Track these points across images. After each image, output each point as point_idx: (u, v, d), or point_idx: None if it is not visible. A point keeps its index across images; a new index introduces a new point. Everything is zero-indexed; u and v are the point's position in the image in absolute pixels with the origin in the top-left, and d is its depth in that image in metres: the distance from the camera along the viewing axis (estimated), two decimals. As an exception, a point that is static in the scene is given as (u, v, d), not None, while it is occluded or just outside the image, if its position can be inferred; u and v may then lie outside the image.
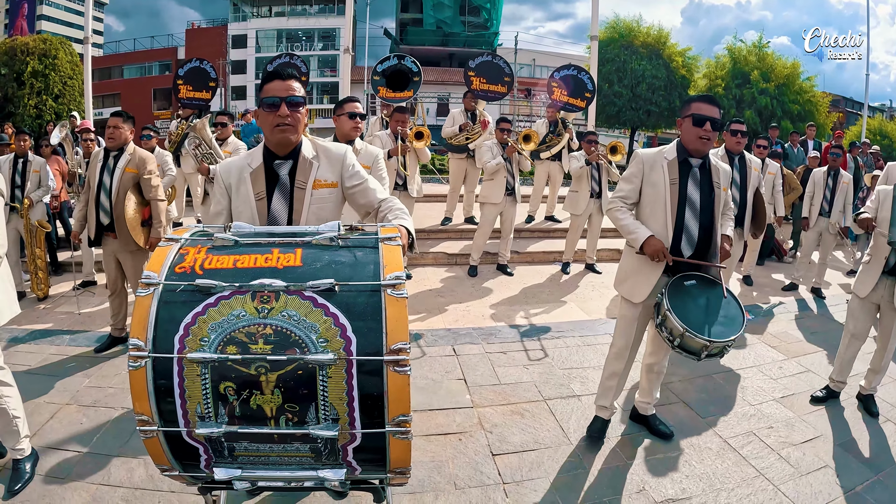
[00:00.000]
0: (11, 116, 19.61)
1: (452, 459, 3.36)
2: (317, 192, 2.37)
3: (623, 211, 3.31)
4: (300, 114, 2.29)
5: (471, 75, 8.80)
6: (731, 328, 2.97)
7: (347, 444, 1.59)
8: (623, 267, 3.48)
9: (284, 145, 2.32)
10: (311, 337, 1.51)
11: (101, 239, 4.78)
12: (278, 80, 2.25)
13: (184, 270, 1.63)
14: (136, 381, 1.54)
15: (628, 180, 3.34)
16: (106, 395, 4.04)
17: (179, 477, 1.76)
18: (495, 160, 6.74)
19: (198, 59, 8.97)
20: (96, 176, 4.66)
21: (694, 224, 3.20)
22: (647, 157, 3.29)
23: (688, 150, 3.21)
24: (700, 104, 3.15)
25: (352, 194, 2.42)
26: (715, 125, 3.10)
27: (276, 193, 2.35)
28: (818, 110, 19.79)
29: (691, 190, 3.21)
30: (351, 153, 2.46)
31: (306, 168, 2.36)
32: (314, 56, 40.45)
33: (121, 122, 4.65)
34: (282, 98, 2.22)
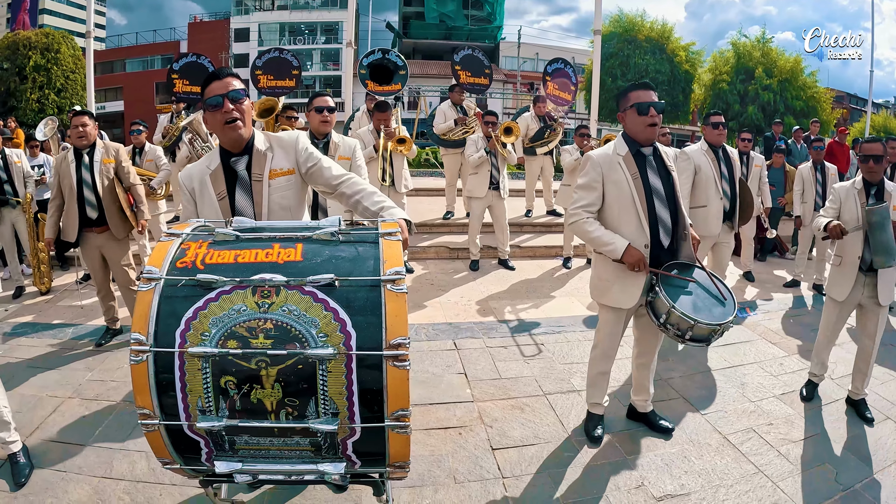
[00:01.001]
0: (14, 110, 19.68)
1: (452, 454, 3.37)
2: (274, 182, 2.41)
3: (591, 222, 3.19)
4: (244, 106, 2.34)
5: (458, 69, 8.82)
6: (728, 305, 2.97)
7: (347, 439, 1.60)
8: (601, 276, 3.37)
9: (237, 140, 2.37)
10: (311, 332, 1.52)
11: (80, 238, 4.78)
12: (216, 81, 2.31)
13: (185, 265, 1.65)
14: (137, 375, 1.55)
15: (589, 187, 3.21)
16: (108, 389, 4.06)
17: (181, 470, 1.77)
18: (478, 154, 6.74)
19: (194, 55, 8.97)
20: (73, 175, 4.66)
21: (665, 213, 3.16)
22: (601, 159, 3.20)
23: (638, 140, 3.16)
24: (638, 92, 3.10)
25: (309, 176, 2.45)
26: (659, 109, 3.07)
27: (238, 189, 2.40)
28: (822, 106, 19.73)
29: (653, 180, 3.16)
30: (304, 137, 2.50)
31: (261, 160, 2.41)
32: (317, 49, 40.43)
33: (88, 120, 4.71)
34: (223, 95, 2.27)
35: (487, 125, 6.87)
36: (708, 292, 3.05)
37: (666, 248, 3.18)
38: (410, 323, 5.20)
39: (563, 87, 9.15)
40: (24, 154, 6.57)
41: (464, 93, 8.64)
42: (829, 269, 3.94)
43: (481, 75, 9.01)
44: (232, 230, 1.76)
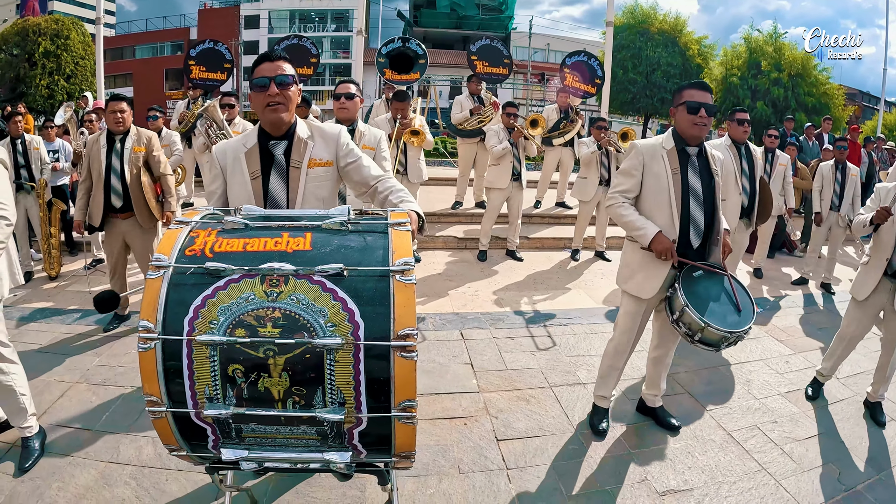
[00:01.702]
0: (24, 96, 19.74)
1: (457, 444, 3.38)
2: (312, 171, 2.40)
3: (626, 206, 3.24)
4: (290, 92, 2.31)
5: (474, 59, 8.80)
6: (745, 316, 2.95)
7: (353, 428, 1.60)
8: (627, 263, 3.41)
9: (277, 125, 2.35)
10: (320, 321, 1.51)
11: (105, 223, 4.79)
12: (267, 62, 2.29)
13: (194, 253, 1.64)
14: (145, 362, 1.55)
15: (629, 174, 3.27)
16: (115, 374, 4.08)
17: (187, 457, 1.78)
18: (501, 145, 6.73)
19: (211, 41, 9.00)
20: (102, 161, 4.66)
21: (700, 214, 3.16)
22: (646, 148, 3.24)
23: (684, 138, 3.17)
24: (692, 91, 3.11)
25: (347, 172, 2.44)
26: (709, 111, 3.07)
27: (273, 173, 2.39)
28: (834, 103, 19.55)
29: (692, 179, 3.17)
30: (345, 132, 2.49)
31: (301, 148, 2.40)
32: (327, 37, 40.30)
33: (125, 106, 4.69)
34: (270, 78, 2.25)
35: (509, 117, 6.86)
36: (729, 299, 3.04)
37: (695, 248, 3.19)
38: (417, 312, 5.23)
39: (584, 78, 9.09)
40: (42, 141, 6.60)
41: (481, 83, 8.60)
42: (859, 269, 3.87)
43: (500, 65, 8.98)
44: (241, 218, 1.76)
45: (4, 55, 21.17)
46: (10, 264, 3.03)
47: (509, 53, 9.25)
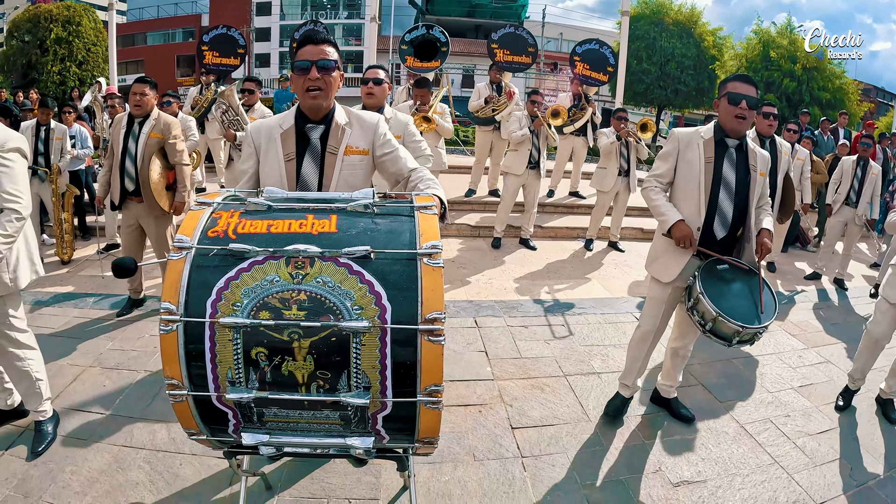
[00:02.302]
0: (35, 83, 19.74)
1: (472, 431, 3.38)
2: (348, 159, 2.36)
3: (657, 191, 3.26)
4: (331, 77, 2.28)
5: (494, 47, 8.74)
6: (764, 315, 2.93)
7: (377, 413, 1.59)
8: (655, 246, 3.43)
9: (316, 109, 2.32)
10: (346, 304, 1.49)
11: (123, 203, 4.80)
12: (311, 45, 2.25)
13: (216, 235, 1.62)
14: (166, 344, 1.53)
15: (664, 158, 3.29)
16: (129, 358, 4.09)
17: (206, 441, 1.77)
18: (521, 131, 6.70)
19: (224, 27, 9.00)
20: (120, 142, 4.66)
21: (728, 206, 3.14)
22: (683, 136, 3.24)
23: (725, 129, 3.14)
24: (736, 83, 3.08)
25: (382, 162, 2.41)
26: (751, 104, 3.04)
27: (307, 157, 2.36)
28: (849, 98, 19.33)
29: (727, 170, 3.14)
30: (383, 122, 2.45)
31: (338, 134, 2.36)
32: (339, 24, 40.12)
33: (147, 90, 4.63)
34: (312, 62, 2.22)
35: (533, 104, 6.84)
36: (751, 298, 3.02)
37: (719, 240, 3.17)
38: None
39: (595, 66, 9.02)
40: (67, 131, 6.62)
41: (501, 71, 8.54)
42: (890, 271, 3.75)
43: (523, 53, 8.92)
44: (264, 200, 1.74)
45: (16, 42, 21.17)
46: (30, 255, 2.99)
47: (534, 41, 9.16)
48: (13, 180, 2.69)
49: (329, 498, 2.78)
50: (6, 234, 2.61)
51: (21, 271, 2.91)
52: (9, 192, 2.66)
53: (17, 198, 2.69)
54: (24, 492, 2.73)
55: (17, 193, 2.69)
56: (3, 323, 2.92)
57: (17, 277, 2.88)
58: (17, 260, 2.88)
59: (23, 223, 2.71)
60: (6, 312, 2.92)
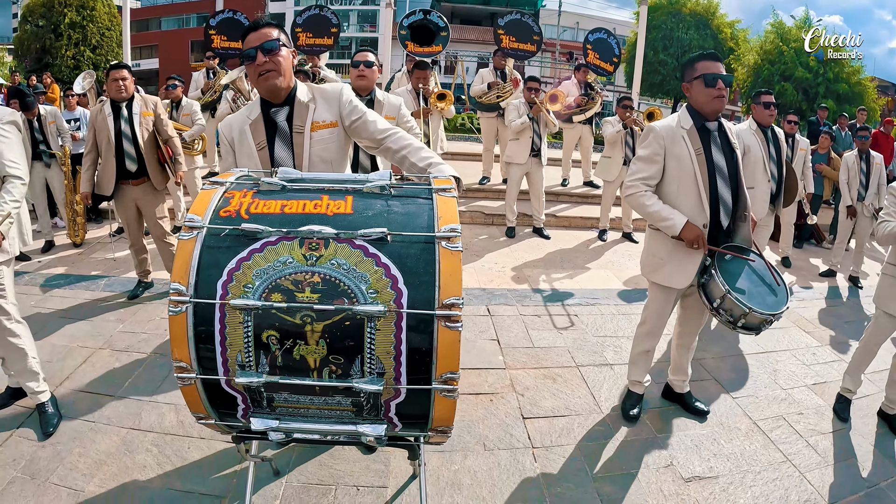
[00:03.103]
0: (49, 67, 19.82)
1: (483, 420, 3.36)
2: (316, 134, 2.35)
3: (649, 195, 3.09)
4: (280, 57, 2.25)
5: (500, 33, 8.65)
6: (781, 295, 2.88)
7: (391, 400, 1.55)
8: (654, 253, 3.26)
9: (274, 92, 2.30)
10: (361, 287, 1.45)
11: (115, 192, 4.77)
12: (252, 33, 2.24)
13: (229, 214, 1.59)
14: (175, 326, 1.50)
15: (650, 160, 3.08)
16: (139, 341, 4.09)
17: (215, 426, 1.74)
18: (520, 119, 6.65)
19: (231, 10, 8.95)
20: (111, 128, 4.63)
21: (727, 192, 3.04)
22: (665, 131, 3.06)
23: (703, 113, 3.02)
24: (706, 62, 2.96)
25: (353, 129, 2.38)
26: (727, 82, 2.93)
27: (277, 140, 2.35)
28: (867, 94, 19.09)
29: (717, 157, 3.03)
30: (348, 90, 2.43)
31: (302, 111, 2.35)
32: (353, 10, 40.02)
33: (126, 74, 4.67)
34: (256, 47, 2.21)
35: (530, 91, 6.77)
36: (762, 280, 2.95)
37: (725, 228, 3.09)
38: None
39: (604, 56, 8.94)
40: (59, 112, 6.62)
41: (506, 58, 8.47)
42: (881, 279, 3.61)
43: (528, 41, 8.81)
44: (278, 179, 1.70)
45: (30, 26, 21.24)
46: (20, 225, 3.10)
47: (540, 30, 9.05)
48: (12, 149, 2.91)
49: (337, 484, 2.76)
50: (14, 198, 2.84)
51: (16, 239, 3.05)
52: (10, 160, 2.88)
53: (18, 165, 2.91)
54: (32, 473, 2.73)
55: (17, 161, 2.92)
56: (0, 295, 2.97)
57: (13, 244, 3.00)
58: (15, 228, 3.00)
59: (25, 188, 2.92)
60: (2, 282, 2.96)
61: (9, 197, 2.81)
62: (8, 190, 2.83)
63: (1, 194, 2.81)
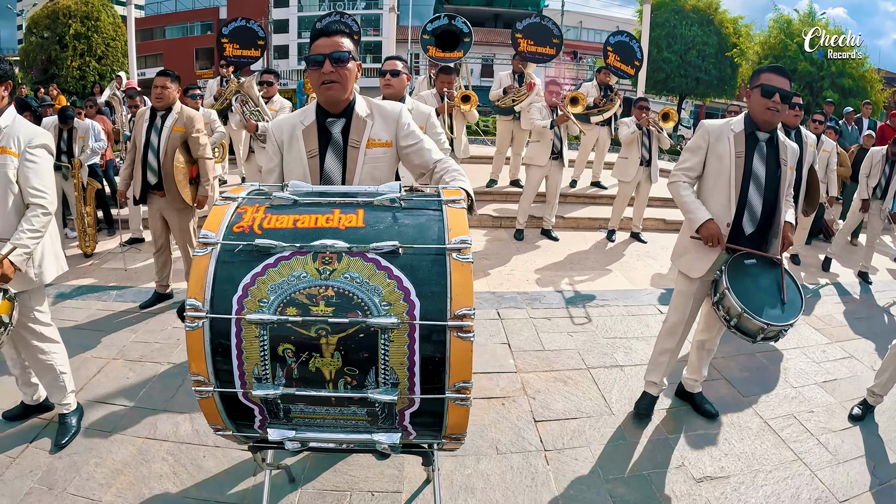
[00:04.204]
0: (55, 78, 19.94)
1: (495, 424, 3.38)
2: (371, 152, 2.32)
3: (685, 186, 3.22)
4: (347, 70, 2.21)
5: (518, 37, 8.67)
6: (789, 312, 2.89)
7: (405, 409, 1.57)
8: (682, 240, 3.38)
9: (333, 103, 2.28)
10: (374, 300, 1.48)
11: (146, 197, 4.82)
12: (323, 38, 2.19)
13: (242, 230, 1.61)
14: (192, 341, 1.52)
15: (693, 151, 3.23)
16: (152, 351, 4.12)
17: (232, 437, 1.77)
18: (543, 122, 6.64)
19: (243, 19, 9.05)
20: (143, 136, 4.67)
21: (757, 200, 3.09)
22: (713, 128, 3.18)
23: (756, 122, 3.08)
24: (770, 75, 3.00)
25: (406, 154, 2.36)
26: (784, 97, 2.96)
27: (329, 152, 2.31)
28: (872, 87, 18.97)
29: (757, 164, 3.08)
30: (406, 112, 2.40)
31: (360, 126, 2.32)
32: (358, 15, 40.05)
33: (168, 82, 4.63)
34: (325, 55, 2.16)
35: (552, 95, 6.78)
36: (778, 292, 2.98)
37: (748, 235, 3.13)
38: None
39: (625, 59, 8.94)
40: (91, 129, 6.68)
41: (523, 61, 8.48)
42: None
43: (547, 44, 8.85)
44: (289, 194, 1.72)
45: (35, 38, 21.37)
46: (55, 251, 3.03)
47: (560, 33, 9.07)
48: (39, 176, 2.75)
49: (352, 490, 2.78)
50: (33, 229, 2.66)
51: (46, 266, 2.94)
52: (35, 188, 2.72)
53: (44, 194, 2.74)
54: (49, 484, 2.77)
55: (43, 189, 2.75)
56: (28, 317, 2.95)
57: (42, 272, 2.92)
58: (42, 255, 2.91)
59: (49, 218, 2.76)
60: (31, 307, 2.95)
61: (28, 227, 2.65)
62: (29, 219, 2.68)
63: (21, 223, 2.67)
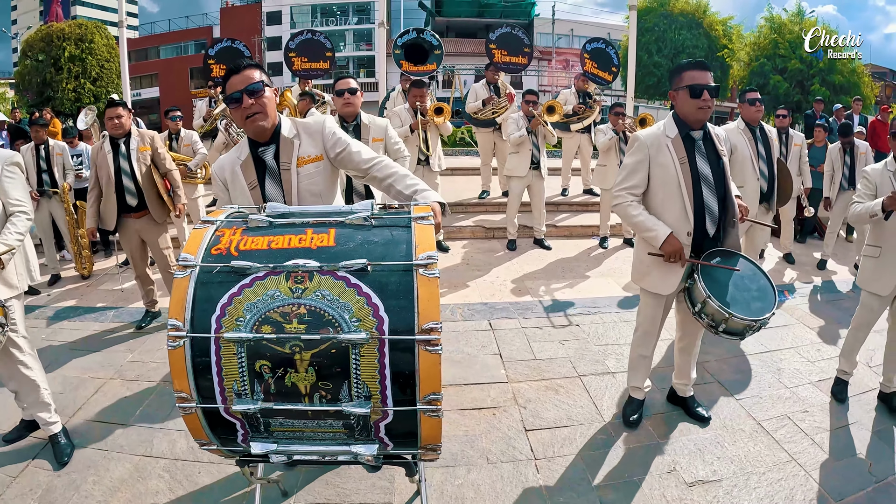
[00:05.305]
0: (51, 101, 20.10)
1: (486, 434, 3.39)
2: (303, 170, 2.41)
3: (635, 205, 3.14)
4: (265, 98, 2.31)
5: (492, 48, 8.68)
6: (767, 301, 2.89)
7: (379, 421, 1.62)
8: (641, 260, 3.30)
9: (261, 132, 2.37)
10: (345, 316, 1.53)
11: (118, 225, 4.87)
12: (235, 76, 2.28)
13: (220, 252, 1.67)
14: (175, 360, 1.60)
15: (634, 170, 3.14)
16: (148, 370, 4.16)
17: (217, 451, 1.82)
18: (519, 132, 6.67)
19: (229, 39, 9.11)
20: (110, 165, 4.73)
21: (713, 200, 3.06)
22: (649, 140, 3.11)
23: (688, 122, 3.05)
24: (693, 72, 2.98)
25: (339, 161, 2.44)
26: (712, 92, 2.96)
27: (267, 178, 2.42)
28: (863, 82, 19.04)
29: (702, 165, 3.05)
30: (330, 122, 2.48)
31: (288, 148, 2.41)
32: (349, 30, 40.39)
33: (122, 111, 4.75)
34: (241, 91, 2.25)
35: (528, 104, 6.80)
36: (750, 284, 2.98)
37: (711, 236, 3.11)
38: (446, 303, 5.28)
39: (602, 66, 9.00)
40: (67, 148, 6.74)
41: (498, 72, 8.52)
42: (862, 261, 3.70)
43: (519, 54, 8.86)
44: (265, 216, 1.78)
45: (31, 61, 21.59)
46: (27, 261, 3.24)
47: (530, 42, 9.11)
48: (17, 189, 3.06)
49: (344, 502, 2.81)
50: (18, 231, 2.96)
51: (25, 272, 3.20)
52: (17, 199, 3.04)
53: (24, 203, 3.06)
54: (49, 502, 2.81)
55: (23, 199, 3.07)
56: (11, 328, 3.02)
57: (22, 279, 3.14)
58: (25, 261, 3.18)
59: (30, 223, 3.07)
60: (12, 317, 3.03)
61: (14, 229, 2.93)
62: (13, 223, 2.96)
63: (6, 226, 2.93)
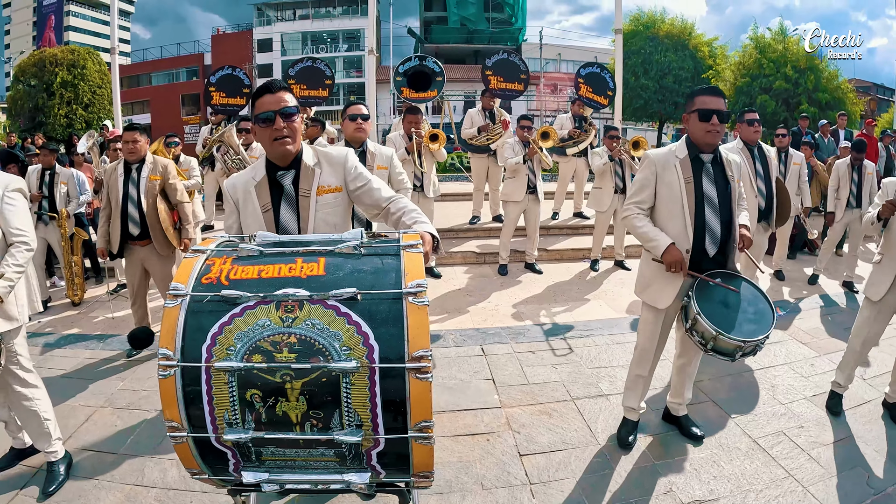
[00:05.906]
0: (42, 126, 20.16)
1: (480, 460, 3.37)
2: (322, 199, 2.40)
3: (640, 217, 3.26)
4: (295, 124, 2.31)
5: (488, 74, 8.76)
6: (762, 324, 2.92)
7: (371, 449, 1.62)
8: (643, 273, 3.42)
9: (285, 157, 2.36)
10: (335, 345, 1.53)
11: (124, 249, 4.85)
12: (269, 94, 2.27)
13: (210, 281, 1.67)
14: (165, 389, 1.59)
15: (642, 185, 3.27)
16: (140, 398, 4.13)
17: (209, 480, 1.81)
18: (515, 158, 6.72)
19: (230, 67, 9.16)
20: (119, 190, 4.73)
21: (715, 222, 3.14)
22: (658, 159, 3.23)
23: (698, 145, 3.15)
24: (704, 97, 3.08)
25: (357, 196, 2.43)
26: (722, 117, 3.04)
27: (283, 204, 2.40)
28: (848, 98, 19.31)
29: (707, 187, 3.15)
30: (352, 155, 2.48)
31: (309, 176, 2.39)
32: (339, 57, 40.87)
33: (138, 136, 4.74)
34: (275, 111, 2.24)
35: (523, 129, 6.86)
36: (747, 307, 3.02)
37: (711, 257, 3.17)
38: (438, 329, 5.27)
39: (597, 90, 9.09)
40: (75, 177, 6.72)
41: (494, 98, 8.62)
42: (873, 269, 3.77)
43: (515, 80, 8.96)
44: (255, 245, 1.78)
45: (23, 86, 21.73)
46: (30, 292, 3.16)
47: (527, 68, 9.21)
48: (19, 217, 2.97)
49: (339, 531, 2.79)
50: (18, 263, 2.87)
51: (26, 305, 3.09)
52: (18, 228, 2.93)
53: (25, 232, 2.96)
54: (38, 533, 2.77)
55: (24, 229, 2.96)
56: (11, 361, 3.01)
57: (23, 311, 3.04)
58: (26, 293, 3.07)
59: (31, 254, 2.97)
60: (14, 351, 3.02)
61: (12, 261, 2.85)
62: (13, 254, 2.87)
63: (5, 258, 2.85)
